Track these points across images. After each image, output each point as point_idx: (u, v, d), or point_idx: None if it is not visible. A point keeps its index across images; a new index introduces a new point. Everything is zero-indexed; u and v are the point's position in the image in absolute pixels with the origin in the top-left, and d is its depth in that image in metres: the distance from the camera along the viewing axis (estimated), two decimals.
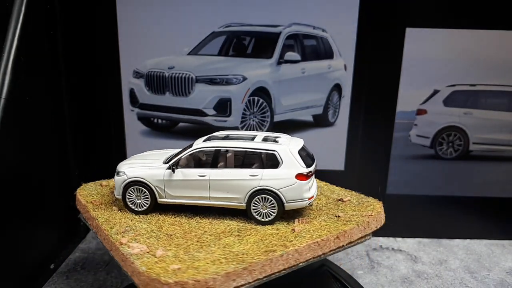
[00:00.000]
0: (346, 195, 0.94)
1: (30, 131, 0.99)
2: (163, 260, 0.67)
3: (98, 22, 1.13)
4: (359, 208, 0.87)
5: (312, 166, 0.83)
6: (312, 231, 0.78)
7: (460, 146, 1.22)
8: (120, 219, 0.82)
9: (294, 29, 1.15)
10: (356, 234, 0.81)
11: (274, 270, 0.69)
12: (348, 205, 0.90)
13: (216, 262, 0.66)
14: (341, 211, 0.86)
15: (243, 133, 0.90)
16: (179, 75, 1.17)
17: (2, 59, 0.82)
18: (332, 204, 0.90)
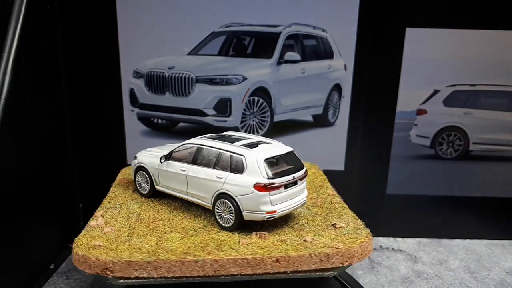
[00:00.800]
0: (344, 221, 0.81)
1: (30, 131, 0.99)
2: (103, 236, 0.75)
3: (98, 22, 1.13)
4: (341, 238, 0.75)
5: (282, 178, 0.76)
6: (257, 247, 0.72)
7: (460, 146, 1.22)
8: (127, 198, 0.92)
9: (294, 29, 1.15)
10: (305, 264, 0.70)
11: (185, 273, 0.69)
12: (335, 232, 0.78)
13: (134, 250, 0.70)
14: (315, 235, 0.76)
15: (241, 135, 0.89)
16: (179, 75, 1.17)
17: (2, 59, 0.82)
18: (319, 227, 0.80)
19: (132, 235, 0.76)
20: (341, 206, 0.87)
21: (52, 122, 1.09)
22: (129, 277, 0.68)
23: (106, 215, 0.83)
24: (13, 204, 0.92)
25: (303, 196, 0.82)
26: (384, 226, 1.27)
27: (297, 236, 0.76)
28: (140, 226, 0.80)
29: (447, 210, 1.25)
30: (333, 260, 0.70)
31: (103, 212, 0.84)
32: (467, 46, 1.14)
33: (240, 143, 0.81)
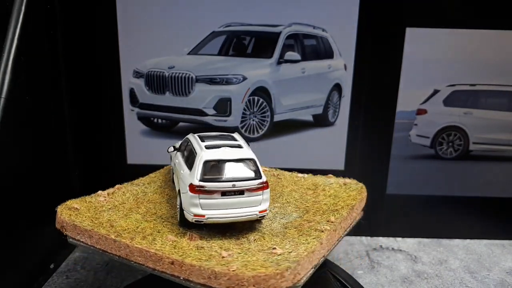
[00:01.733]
0: (290, 249, 0.70)
1: (30, 131, 0.99)
2: (90, 202, 0.86)
3: (98, 22, 1.13)
4: (258, 264, 0.65)
5: (217, 184, 0.71)
6: (174, 245, 0.70)
7: (460, 146, 1.22)
8: (155, 181, 0.99)
9: (294, 28, 1.15)
10: (195, 276, 0.65)
11: (107, 249, 0.75)
12: (265, 255, 0.69)
13: (93, 219, 0.80)
14: (240, 253, 0.69)
15: (234, 137, 0.85)
16: (179, 75, 1.17)
17: (2, 59, 0.82)
18: (260, 247, 0.71)
19: (113, 208, 0.84)
20: (317, 234, 0.75)
21: (52, 122, 1.09)
22: (75, 238, 0.79)
23: (122, 188, 0.92)
24: (13, 204, 0.92)
25: (256, 209, 0.74)
26: (384, 226, 1.27)
27: (221, 249, 0.71)
28: (129, 204, 0.86)
29: (447, 210, 1.25)
30: (219, 281, 0.63)
31: (126, 185, 0.94)
32: (467, 46, 1.14)
33: (210, 143, 0.78)
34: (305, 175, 1.02)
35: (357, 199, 0.89)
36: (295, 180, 1.00)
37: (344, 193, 0.91)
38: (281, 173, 1.04)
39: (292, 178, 1.02)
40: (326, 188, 0.94)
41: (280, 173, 1.04)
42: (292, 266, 0.63)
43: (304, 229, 0.77)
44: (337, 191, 0.93)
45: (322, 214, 0.83)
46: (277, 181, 1.00)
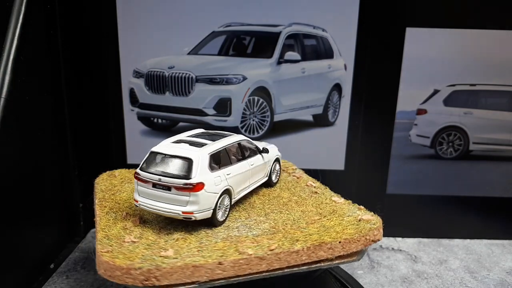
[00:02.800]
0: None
1: (30, 131, 0.99)
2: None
3: (98, 22, 1.13)
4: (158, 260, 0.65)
5: (148, 174, 0.74)
6: (111, 222, 0.77)
7: (460, 146, 1.22)
8: None
9: (294, 28, 1.15)
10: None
11: None
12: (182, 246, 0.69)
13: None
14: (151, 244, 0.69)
15: (222, 135, 0.87)
16: (179, 75, 1.17)
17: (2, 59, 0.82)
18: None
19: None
20: (231, 253, 0.69)
21: (52, 122, 1.09)
22: None
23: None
24: (13, 204, 0.92)
25: (181, 209, 0.72)
26: (384, 226, 1.27)
27: (146, 238, 0.72)
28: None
29: (447, 210, 1.25)
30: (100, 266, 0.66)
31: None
32: (467, 46, 1.14)
33: (186, 138, 0.82)
34: (341, 199, 0.88)
35: (349, 238, 0.74)
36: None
37: (341, 227, 0.76)
38: (318, 186, 0.96)
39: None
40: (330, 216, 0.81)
41: (318, 186, 0.95)
42: (151, 268, 0.62)
43: (228, 246, 0.70)
44: (340, 223, 0.78)
45: (279, 239, 0.72)
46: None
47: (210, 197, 0.73)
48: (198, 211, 0.72)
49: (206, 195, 0.73)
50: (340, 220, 0.79)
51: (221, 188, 0.75)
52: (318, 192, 0.92)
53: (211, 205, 0.74)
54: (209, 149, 0.76)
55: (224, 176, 0.77)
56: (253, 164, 0.86)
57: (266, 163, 0.92)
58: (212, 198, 0.74)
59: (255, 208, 0.84)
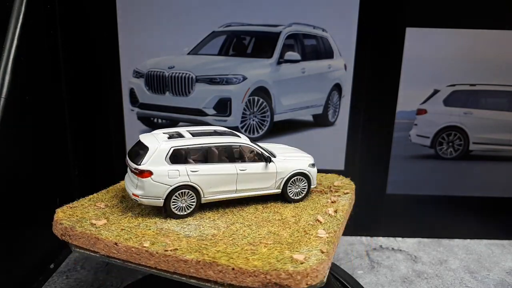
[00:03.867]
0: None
1: (30, 131, 0.99)
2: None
3: (98, 21, 1.13)
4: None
5: (128, 163, 0.82)
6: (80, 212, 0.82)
7: (460, 146, 1.22)
8: None
9: (294, 28, 1.15)
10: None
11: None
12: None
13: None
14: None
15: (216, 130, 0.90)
16: (179, 75, 1.17)
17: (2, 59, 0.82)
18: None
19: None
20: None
21: (52, 122, 1.09)
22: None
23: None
24: (13, 204, 0.92)
25: (132, 190, 0.79)
26: (384, 226, 1.27)
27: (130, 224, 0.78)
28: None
29: (447, 210, 1.25)
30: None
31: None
32: (467, 46, 1.14)
33: (194, 129, 0.87)
34: (325, 235, 0.77)
35: (246, 269, 0.65)
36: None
37: (257, 256, 0.68)
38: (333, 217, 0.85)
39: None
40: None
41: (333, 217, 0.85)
42: (68, 228, 0.77)
43: (144, 234, 0.75)
44: (269, 253, 0.69)
45: (186, 245, 0.71)
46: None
47: (159, 187, 0.77)
48: (144, 196, 0.78)
49: (152, 183, 0.77)
50: (276, 251, 0.69)
51: (176, 182, 0.78)
52: (323, 222, 0.80)
53: (160, 194, 0.78)
54: (175, 143, 0.80)
55: (186, 171, 0.79)
56: (245, 170, 0.83)
57: (274, 173, 0.86)
58: (161, 189, 0.78)
59: (231, 214, 0.83)
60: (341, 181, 1.01)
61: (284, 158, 0.89)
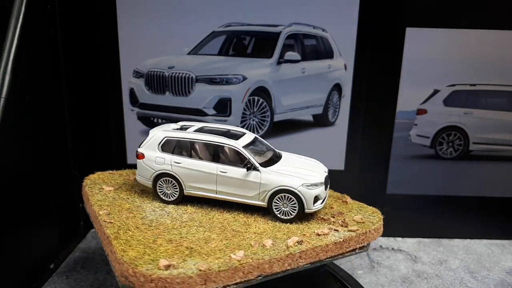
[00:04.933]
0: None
1: (30, 131, 0.99)
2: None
3: (98, 21, 1.13)
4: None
5: None
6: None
7: (460, 146, 1.22)
8: None
9: (294, 28, 1.15)
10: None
11: None
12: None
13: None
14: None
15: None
16: (179, 75, 1.17)
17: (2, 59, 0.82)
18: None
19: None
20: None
21: (52, 122, 1.09)
22: None
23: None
24: (13, 204, 0.92)
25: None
26: (384, 226, 1.27)
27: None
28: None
29: (447, 210, 1.25)
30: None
31: None
32: (467, 46, 1.14)
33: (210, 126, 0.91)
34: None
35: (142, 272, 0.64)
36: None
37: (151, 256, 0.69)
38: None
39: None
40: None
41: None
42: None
43: (112, 211, 0.84)
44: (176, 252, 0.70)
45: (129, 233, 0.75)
46: None
47: (147, 170, 0.87)
48: (139, 175, 0.89)
49: (143, 165, 0.87)
50: (172, 252, 0.70)
51: (159, 168, 0.85)
52: (267, 247, 0.73)
53: (148, 177, 0.87)
54: (170, 134, 0.85)
55: (170, 161, 0.84)
56: (226, 173, 0.82)
57: (257, 183, 0.81)
58: (149, 172, 0.87)
59: (203, 213, 0.84)
60: (365, 216, 0.86)
61: (278, 170, 0.81)
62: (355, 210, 0.89)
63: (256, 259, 0.69)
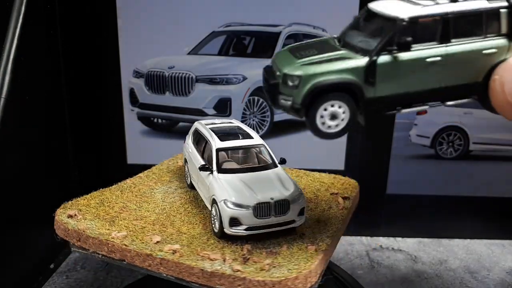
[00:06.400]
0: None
1: (30, 131, 0.99)
2: None
3: (98, 21, 1.13)
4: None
5: None
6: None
7: (460, 146, 1.22)
8: None
9: (294, 28, 1.15)
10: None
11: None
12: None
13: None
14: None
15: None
16: (179, 75, 1.17)
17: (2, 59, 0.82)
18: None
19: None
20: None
21: (52, 122, 1.09)
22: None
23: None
24: (13, 204, 0.92)
25: None
26: (384, 226, 1.27)
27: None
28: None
29: (447, 210, 1.25)
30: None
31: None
32: None
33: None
34: None
35: None
36: None
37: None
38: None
39: None
40: None
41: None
42: None
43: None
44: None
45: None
46: None
47: (184, 153, 0.93)
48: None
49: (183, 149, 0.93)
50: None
51: (184, 154, 0.91)
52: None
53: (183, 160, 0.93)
54: (199, 127, 0.88)
55: (187, 150, 0.89)
56: (199, 171, 0.79)
57: (208, 187, 0.76)
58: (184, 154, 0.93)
59: (188, 204, 0.85)
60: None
61: (222, 178, 0.75)
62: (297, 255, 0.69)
63: (126, 244, 0.71)
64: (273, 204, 0.70)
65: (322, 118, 0.61)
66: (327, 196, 0.88)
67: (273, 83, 0.60)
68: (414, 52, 0.58)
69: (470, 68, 0.57)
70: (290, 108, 0.59)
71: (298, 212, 0.72)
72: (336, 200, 0.86)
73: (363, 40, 0.60)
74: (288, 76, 0.58)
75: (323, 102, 0.59)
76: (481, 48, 0.57)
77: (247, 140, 0.83)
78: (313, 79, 0.57)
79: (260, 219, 0.69)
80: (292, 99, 0.58)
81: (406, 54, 0.57)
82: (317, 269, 0.66)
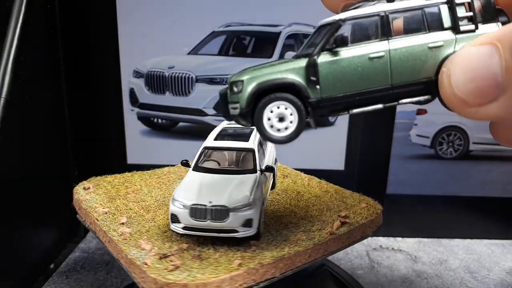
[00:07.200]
0: None
1: (30, 131, 0.99)
2: None
3: (98, 21, 1.13)
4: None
5: None
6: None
7: (460, 146, 1.22)
8: None
9: (294, 28, 1.15)
10: None
11: None
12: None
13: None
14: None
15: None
16: (179, 75, 1.17)
17: (2, 59, 0.82)
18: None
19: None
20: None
21: (52, 122, 1.09)
22: None
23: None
24: (13, 204, 0.92)
25: None
26: (384, 226, 1.26)
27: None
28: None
29: (447, 210, 1.25)
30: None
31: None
32: None
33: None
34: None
35: None
36: None
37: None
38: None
39: None
40: None
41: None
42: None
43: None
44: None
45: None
46: None
47: None
48: None
49: None
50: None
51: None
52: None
53: None
54: (219, 125, 0.93)
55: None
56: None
57: None
58: None
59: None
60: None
61: (188, 176, 0.78)
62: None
63: (98, 220, 0.79)
64: (210, 208, 0.69)
65: (270, 120, 0.61)
66: (332, 217, 0.82)
67: (222, 93, 0.61)
68: (356, 48, 0.59)
69: (419, 64, 0.58)
70: (238, 116, 0.59)
71: (243, 223, 0.70)
72: (333, 223, 0.79)
73: (308, 49, 0.62)
74: (233, 83, 0.59)
75: (268, 103, 0.59)
76: (425, 42, 0.58)
77: (237, 143, 0.84)
78: (255, 80, 0.59)
79: (196, 221, 0.70)
80: (238, 105, 0.59)
81: (347, 52, 0.59)
82: (222, 284, 0.62)
